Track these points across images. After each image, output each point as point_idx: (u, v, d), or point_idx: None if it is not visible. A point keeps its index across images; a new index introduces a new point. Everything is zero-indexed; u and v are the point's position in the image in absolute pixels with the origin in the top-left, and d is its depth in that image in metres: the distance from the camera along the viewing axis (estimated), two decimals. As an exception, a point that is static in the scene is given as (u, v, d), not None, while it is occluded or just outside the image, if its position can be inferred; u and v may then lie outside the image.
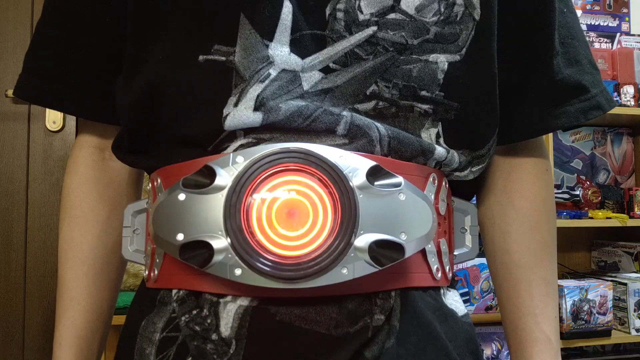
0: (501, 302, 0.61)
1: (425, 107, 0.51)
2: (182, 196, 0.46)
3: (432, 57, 0.51)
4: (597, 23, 2.31)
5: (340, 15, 0.49)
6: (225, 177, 0.45)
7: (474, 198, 0.64)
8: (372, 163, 0.46)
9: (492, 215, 0.61)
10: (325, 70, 0.49)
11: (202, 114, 0.49)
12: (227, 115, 0.47)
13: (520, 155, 0.61)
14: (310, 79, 0.49)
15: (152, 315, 0.50)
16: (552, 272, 0.59)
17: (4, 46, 1.82)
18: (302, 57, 0.49)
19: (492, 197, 0.61)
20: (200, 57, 0.48)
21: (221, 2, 0.48)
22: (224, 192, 0.44)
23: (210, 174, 0.45)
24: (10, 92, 1.74)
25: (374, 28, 0.50)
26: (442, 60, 0.51)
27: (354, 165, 0.45)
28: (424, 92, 0.51)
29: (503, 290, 0.60)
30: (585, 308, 1.85)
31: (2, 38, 1.82)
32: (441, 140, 0.53)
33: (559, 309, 1.84)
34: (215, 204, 0.44)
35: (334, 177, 0.45)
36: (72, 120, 1.85)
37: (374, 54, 0.50)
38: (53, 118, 1.83)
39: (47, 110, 1.82)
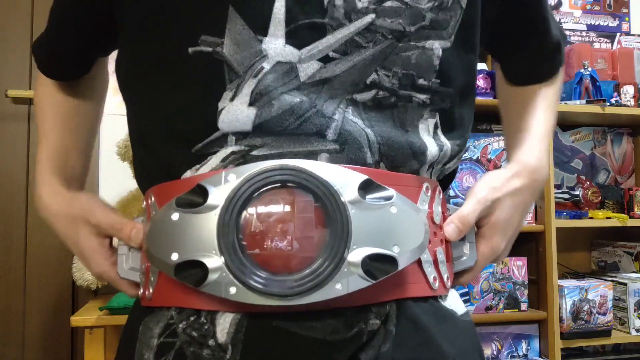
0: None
1: (422, 97, 0.51)
2: (175, 216, 0.46)
3: (428, 43, 0.51)
4: (597, 23, 2.31)
5: (339, 2, 0.49)
6: (217, 196, 0.45)
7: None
8: (364, 177, 0.46)
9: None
10: (325, 60, 0.49)
11: (196, 106, 0.49)
12: (222, 109, 0.47)
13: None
14: (308, 69, 0.48)
15: (147, 319, 0.50)
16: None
17: (4, 46, 1.82)
18: (300, 47, 0.48)
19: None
20: (190, 50, 0.48)
21: None
22: (217, 211, 0.44)
23: (203, 193, 0.45)
24: (10, 92, 1.74)
25: (372, 15, 0.50)
26: (436, 46, 0.52)
27: (345, 180, 0.45)
28: (421, 81, 0.51)
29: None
30: (585, 308, 1.85)
31: (2, 38, 1.82)
32: (439, 131, 0.53)
33: (559, 308, 1.84)
34: (208, 223, 0.44)
35: (325, 193, 0.45)
36: (72, 120, 1.85)
37: (373, 41, 0.50)
38: (53, 118, 1.83)
39: (47, 110, 1.82)
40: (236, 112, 0.47)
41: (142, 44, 0.52)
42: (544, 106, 0.69)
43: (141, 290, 0.53)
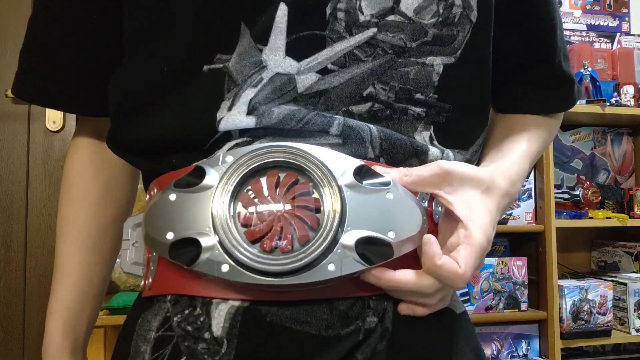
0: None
1: (418, 110, 0.51)
2: (172, 196, 0.46)
3: (429, 59, 0.51)
4: (597, 23, 2.31)
5: (341, 15, 0.49)
6: (214, 176, 0.45)
7: None
8: (360, 162, 0.46)
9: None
10: (323, 72, 0.49)
11: (196, 118, 0.49)
12: (220, 119, 0.48)
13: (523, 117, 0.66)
14: (306, 81, 0.48)
15: (146, 313, 0.50)
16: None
17: (4, 46, 1.82)
18: (299, 59, 0.48)
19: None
20: (205, 67, 0.48)
21: (223, 12, 0.48)
22: (213, 190, 0.45)
23: (201, 174, 0.46)
24: (10, 92, 1.74)
25: (374, 30, 0.50)
26: (438, 62, 0.52)
27: (342, 163, 0.46)
28: (418, 95, 0.51)
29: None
30: (585, 308, 1.85)
31: (2, 38, 1.82)
32: (435, 142, 0.53)
33: (559, 308, 1.84)
34: (204, 202, 0.45)
35: (321, 174, 0.45)
36: (72, 120, 1.85)
37: (373, 55, 0.50)
38: (53, 118, 1.83)
39: (47, 110, 1.82)
40: (235, 122, 0.47)
41: (155, 60, 0.51)
42: (532, 134, 0.62)
43: (142, 282, 0.53)
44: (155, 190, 0.51)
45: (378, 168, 0.47)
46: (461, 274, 0.45)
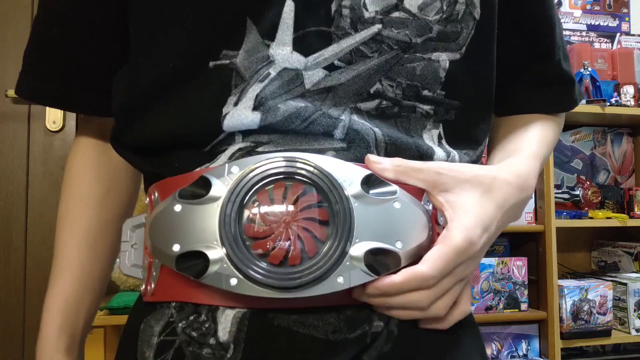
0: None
1: (426, 107, 0.51)
2: (178, 207, 0.46)
3: (435, 55, 0.51)
4: (597, 23, 2.31)
5: (346, 12, 0.49)
6: (220, 188, 0.45)
7: None
8: (367, 172, 0.46)
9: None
10: (330, 68, 0.49)
11: (201, 113, 0.49)
12: (226, 114, 0.47)
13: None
14: (313, 77, 0.48)
15: (149, 317, 0.50)
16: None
17: (4, 46, 1.82)
18: (306, 55, 0.48)
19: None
20: (211, 64, 0.48)
21: (228, 8, 0.48)
22: (219, 202, 0.44)
23: (206, 185, 0.45)
24: (10, 92, 1.74)
25: (379, 26, 0.50)
26: (443, 58, 0.52)
27: (349, 173, 0.45)
28: (426, 92, 0.51)
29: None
30: (585, 308, 1.85)
31: (2, 38, 1.82)
32: (443, 141, 0.53)
33: (559, 308, 1.84)
34: (210, 214, 0.44)
35: (328, 186, 0.45)
36: (72, 120, 1.85)
37: (379, 51, 0.50)
38: (53, 118, 1.83)
39: (47, 110, 1.82)
40: (240, 117, 0.47)
41: (160, 57, 0.51)
42: (539, 135, 0.61)
43: (143, 286, 0.53)
44: (157, 195, 0.51)
45: (371, 157, 0.47)
46: (424, 273, 0.45)
